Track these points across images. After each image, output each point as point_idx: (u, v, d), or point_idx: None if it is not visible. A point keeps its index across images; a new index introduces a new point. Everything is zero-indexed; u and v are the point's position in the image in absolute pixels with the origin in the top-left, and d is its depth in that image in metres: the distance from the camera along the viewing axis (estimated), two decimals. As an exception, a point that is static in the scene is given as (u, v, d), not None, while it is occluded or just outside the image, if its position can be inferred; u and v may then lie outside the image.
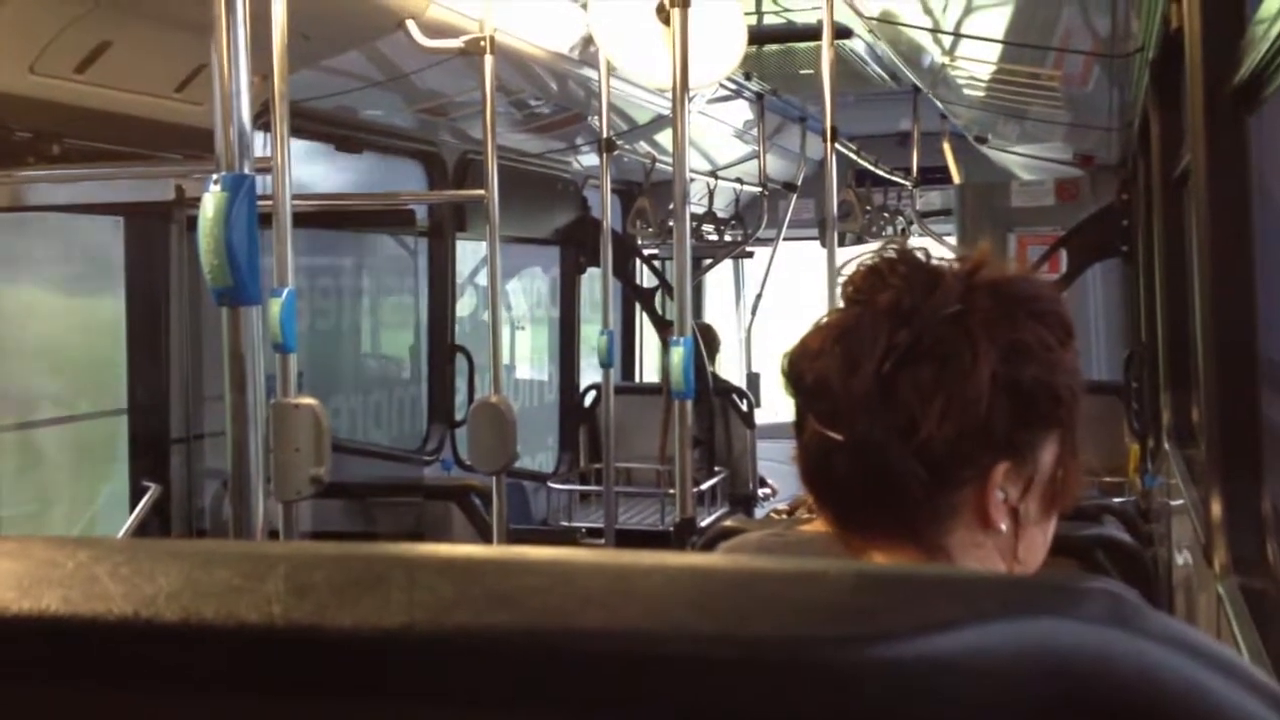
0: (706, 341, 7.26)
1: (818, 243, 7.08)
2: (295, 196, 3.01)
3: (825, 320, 1.11)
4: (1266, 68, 1.95)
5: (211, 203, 1.90)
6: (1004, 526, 1.09)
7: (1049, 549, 2.89)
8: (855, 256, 1.15)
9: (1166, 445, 4.00)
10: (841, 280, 1.13)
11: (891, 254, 1.12)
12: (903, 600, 0.49)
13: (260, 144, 3.22)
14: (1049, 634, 0.48)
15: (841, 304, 1.12)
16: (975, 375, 1.04)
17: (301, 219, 3.11)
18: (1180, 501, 3.21)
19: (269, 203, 2.83)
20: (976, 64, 5.35)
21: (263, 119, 3.02)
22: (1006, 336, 1.05)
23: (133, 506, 4.18)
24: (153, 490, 4.09)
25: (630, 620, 0.50)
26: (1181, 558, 3.16)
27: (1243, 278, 2.08)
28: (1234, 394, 2.11)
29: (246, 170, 1.96)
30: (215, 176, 1.92)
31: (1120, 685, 0.47)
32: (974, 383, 1.04)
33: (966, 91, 6.21)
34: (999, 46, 4.87)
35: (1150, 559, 3.34)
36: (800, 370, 1.10)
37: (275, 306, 2.75)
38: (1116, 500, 4.35)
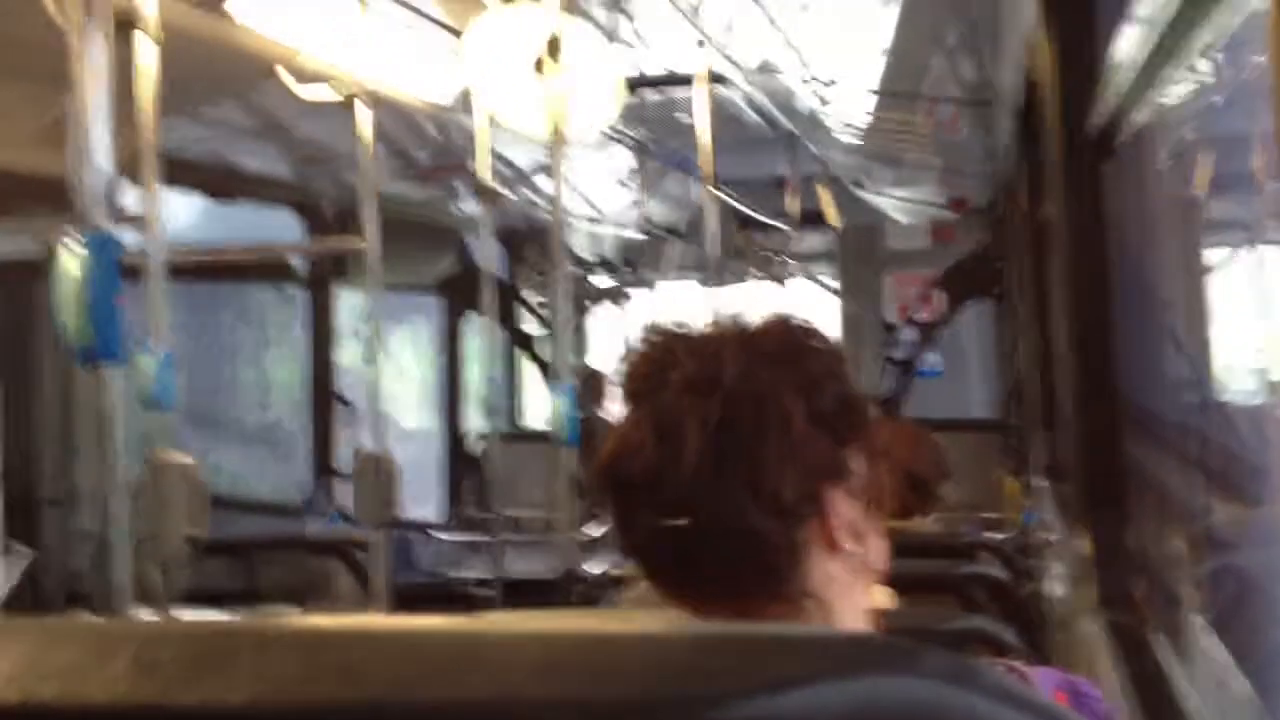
0: (593, 386, 7.27)
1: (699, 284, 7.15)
2: (169, 249, 2.96)
3: (626, 420, 1.12)
4: (1118, 116, 2.02)
5: (71, 261, 1.86)
6: (850, 547, 1.12)
7: (929, 588, 2.92)
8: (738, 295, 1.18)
9: (1041, 482, 4.09)
10: (620, 379, 1.15)
11: (655, 337, 1.14)
12: (743, 661, 0.50)
13: (132, 195, 3.16)
14: (884, 692, 0.49)
15: (629, 400, 1.13)
16: (790, 416, 1.08)
17: (176, 272, 3.06)
18: (1055, 537, 3.28)
19: (141, 255, 2.78)
20: (850, 111, 5.46)
21: (131, 170, 2.97)
22: (797, 373, 1.10)
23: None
24: (23, 554, 3.97)
25: (473, 690, 0.50)
26: (1057, 593, 3.23)
27: (1102, 320, 2.14)
28: (1098, 433, 2.17)
29: (108, 226, 1.92)
30: (74, 235, 1.88)
31: (951, 741, 0.49)
32: (792, 423, 1.08)
33: (842, 138, 6.34)
34: (872, 95, 4.98)
35: (1028, 595, 3.41)
36: (626, 470, 1.10)
37: (148, 363, 2.70)
38: (995, 536, 4.42)
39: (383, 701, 0.51)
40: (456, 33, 4.23)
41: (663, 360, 1.11)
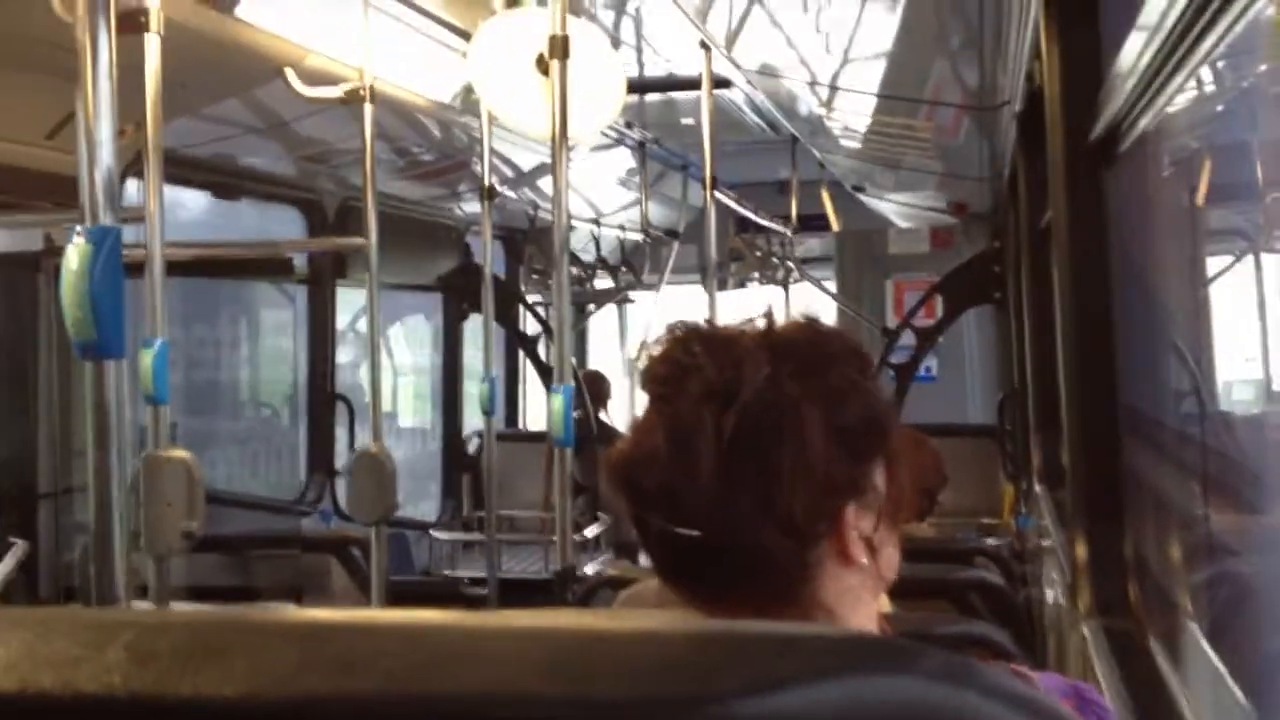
0: (595, 388, 7.26)
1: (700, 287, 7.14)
2: (171, 244, 2.96)
3: (643, 423, 1.10)
4: (1122, 123, 2.02)
5: (75, 255, 1.86)
6: (865, 560, 1.10)
7: (925, 593, 2.92)
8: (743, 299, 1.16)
9: (1038, 487, 4.09)
10: (640, 374, 1.13)
11: (680, 332, 1.11)
12: (740, 659, 0.50)
13: (135, 191, 3.17)
14: (880, 691, 0.49)
15: (648, 400, 1.11)
16: (809, 432, 1.05)
17: (177, 268, 3.07)
18: (1050, 543, 3.28)
19: (143, 250, 2.79)
20: (852, 115, 5.46)
21: (136, 167, 2.97)
22: (821, 386, 1.07)
23: (-1, 563, 4.05)
24: (18, 546, 3.97)
25: (475, 684, 0.50)
26: (1052, 598, 3.23)
27: (1102, 327, 2.14)
28: (1096, 439, 2.17)
29: (112, 222, 1.92)
30: (79, 229, 1.89)
31: (946, 740, 0.49)
32: (810, 440, 1.05)
33: (843, 141, 6.34)
34: (873, 99, 4.98)
35: (1023, 600, 3.41)
36: (638, 479, 1.09)
37: (146, 358, 2.70)
38: (991, 541, 4.43)
39: (380, 694, 0.50)
40: (459, 31, 4.23)
41: (683, 361, 1.08)
